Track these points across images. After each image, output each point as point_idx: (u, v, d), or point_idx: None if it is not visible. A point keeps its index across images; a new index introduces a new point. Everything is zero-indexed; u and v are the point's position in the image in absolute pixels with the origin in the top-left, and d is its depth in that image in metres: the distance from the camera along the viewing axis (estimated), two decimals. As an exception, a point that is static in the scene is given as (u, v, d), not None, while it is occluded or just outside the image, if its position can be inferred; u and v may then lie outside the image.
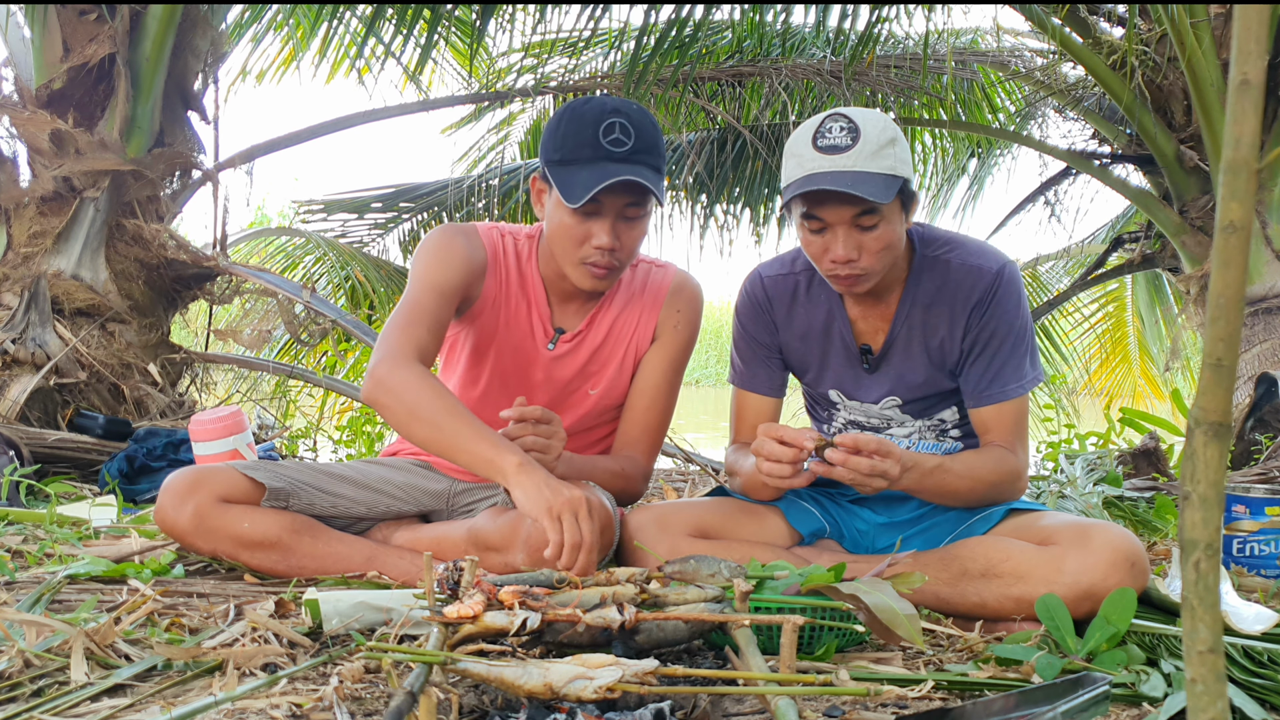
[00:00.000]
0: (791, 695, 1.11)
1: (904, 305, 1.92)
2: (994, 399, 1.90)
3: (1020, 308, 1.90)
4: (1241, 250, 0.69)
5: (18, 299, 3.67)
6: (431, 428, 1.77)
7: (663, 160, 1.94)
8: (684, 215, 6.28)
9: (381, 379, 1.82)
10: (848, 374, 2.00)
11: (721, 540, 1.91)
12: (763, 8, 5.43)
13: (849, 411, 2.04)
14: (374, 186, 6.19)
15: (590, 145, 1.86)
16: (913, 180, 1.83)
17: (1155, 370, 8.40)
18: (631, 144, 1.87)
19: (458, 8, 5.20)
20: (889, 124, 1.78)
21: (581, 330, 2.09)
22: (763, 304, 2.02)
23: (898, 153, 1.76)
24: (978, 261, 1.89)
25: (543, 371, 2.09)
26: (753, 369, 2.05)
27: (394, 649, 1.17)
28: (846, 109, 1.79)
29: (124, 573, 1.90)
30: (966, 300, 1.89)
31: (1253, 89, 0.68)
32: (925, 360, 1.94)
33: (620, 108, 1.89)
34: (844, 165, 1.72)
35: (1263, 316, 4.50)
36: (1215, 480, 0.71)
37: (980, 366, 1.90)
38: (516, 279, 2.09)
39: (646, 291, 2.13)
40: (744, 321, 2.05)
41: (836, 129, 1.74)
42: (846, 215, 1.75)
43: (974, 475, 1.84)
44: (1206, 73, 4.29)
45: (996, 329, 1.88)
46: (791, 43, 5.94)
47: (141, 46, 3.95)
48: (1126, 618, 1.53)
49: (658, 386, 2.14)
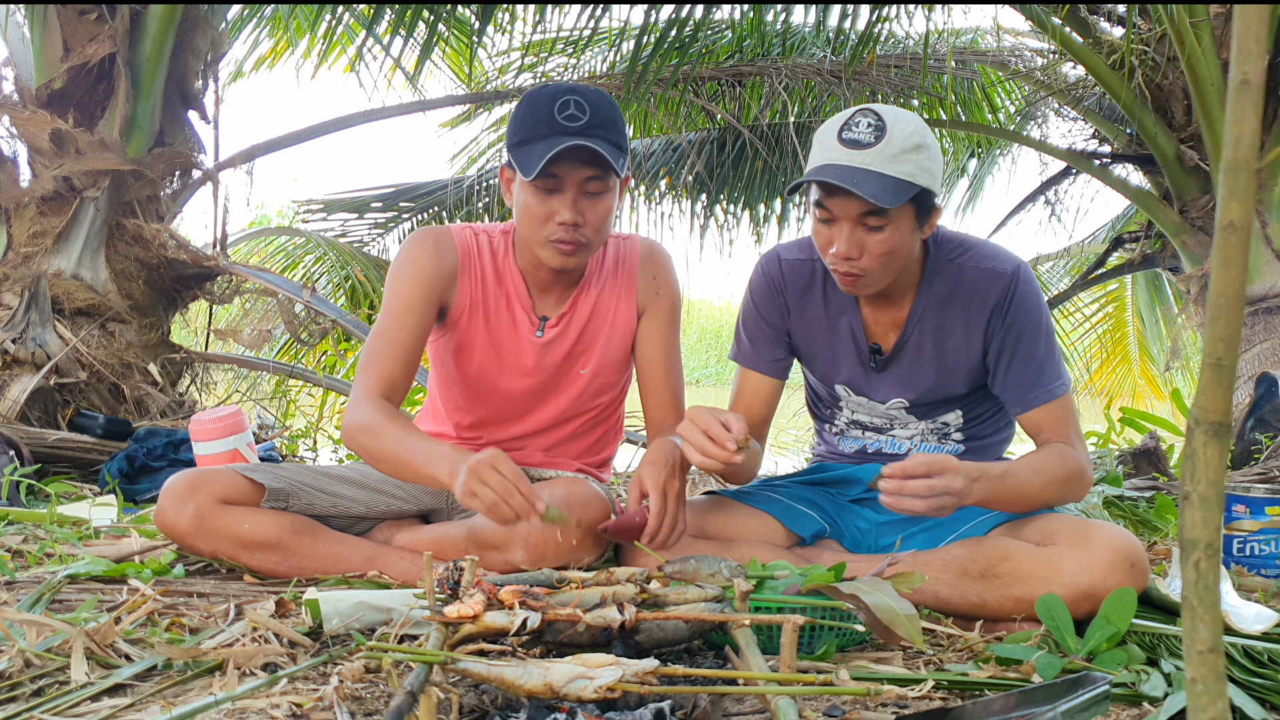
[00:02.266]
0: (791, 695, 1.11)
1: (917, 308, 1.90)
2: (1040, 400, 1.87)
3: (1041, 306, 1.88)
4: (1241, 250, 0.69)
5: (18, 299, 3.67)
6: (391, 465, 1.88)
7: (622, 138, 1.95)
8: (684, 215, 6.28)
9: (347, 428, 1.94)
10: (857, 371, 1.98)
11: (722, 540, 1.91)
12: (762, 8, 5.43)
13: (853, 410, 2.04)
14: (374, 186, 6.18)
15: (546, 123, 1.88)
16: (936, 191, 1.79)
17: (1155, 370, 8.40)
18: (586, 119, 1.89)
19: (457, 8, 5.19)
20: (921, 130, 1.74)
21: (566, 313, 2.10)
22: (778, 285, 1.99)
23: (921, 160, 1.72)
24: (991, 264, 1.87)
25: (534, 359, 2.10)
26: (758, 348, 2.02)
27: (394, 649, 1.17)
28: (882, 106, 1.76)
29: (124, 573, 1.90)
30: (983, 304, 1.86)
31: (1253, 89, 0.68)
32: (937, 364, 1.92)
33: (576, 88, 1.93)
34: (860, 162, 1.70)
35: (1263, 316, 4.50)
36: (1215, 480, 0.71)
37: (1017, 371, 1.87)
38: (493, 275, 2.11)
39: (620, 265, 2.15)
40: (756, 300, 2.01)
41: (864, 124, 1.72)
42: (853, 212, 1.73)
43: (1042, 475, 1.79)
44: (1206, 72, 4.29)
45: (1024, 331, 1.85)
46: (791, 42, 5.94)
47: (141, 46, 3.95)
48: (1126, 618, 1.53)
49: (666, 355, 2.15)
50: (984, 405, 1.99)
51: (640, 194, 6.24)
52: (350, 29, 5.66)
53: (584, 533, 1.87)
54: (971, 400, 1.98)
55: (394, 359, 1.98)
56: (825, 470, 2.10)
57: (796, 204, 6.24)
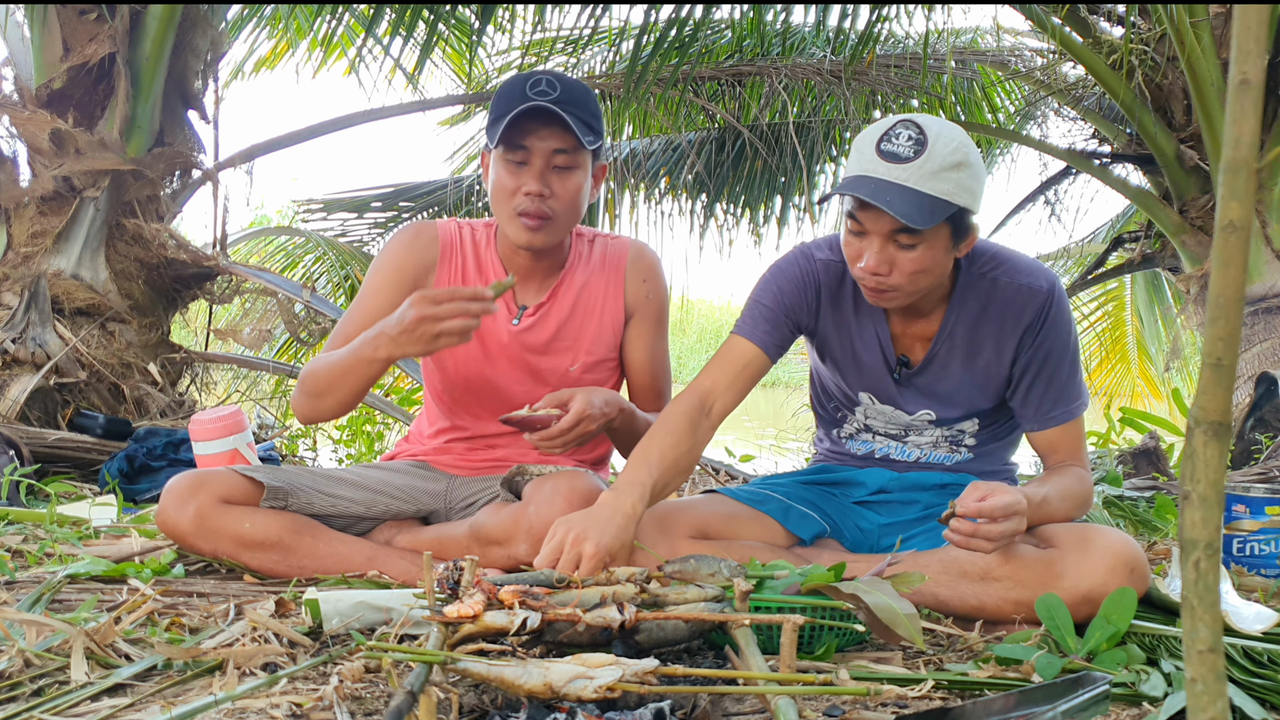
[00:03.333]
0: (791, 695, 1.11)
1: (948, 323, 1.87)
2: (1058, 420, 1.87)
3: (1071, 328, 1.86)
4: (1241, 250, 0.69)
5: (18, 299, 3.67)
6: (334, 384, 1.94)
7: (594, 119, 1.99)
8: (683, 215, 6.28)
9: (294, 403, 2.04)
10: (883, 381, 1.95)
11: (722, 540, 1.91)
12: (762, 8, 5.43)
13: (870, 416, 2.01)
14: (374, 186, 6.17)
15: (518, 99, 1.93)
16: (976, 210, 1.72)
17: (1153, 370, 8.40)
18: (557, 94, 1.94)
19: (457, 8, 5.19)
20: (964, 146, 1.68)
21: (544, 302, 2.12)
22: (812, 282, 1.92)
23: (962, 179, 1.66)
24: (1027, 281, 1.83)
25: (514, 348, 2.12)
26: (764, 325, 1.93)
27: (394, 648, 1.17)
28: (925, 118, 1.69)
29: (124, 572, 1.90)
30: (1017, 321, 1.83)
31: (1252, 88, 0.68)
32: (965, 379, 1.90)
33: (550, 72, 1.99)
34: (897, 177, 1.64)
35: (1263, 316, 4.50)
36: (1215, 480, 0.71)
37: (1039, 389, 1.86)
38: (474, 265, 2.14)
39: (606, 262, 2.17)
40: (783, 287, 1.93)
41: (904, 137, 1.66)
42: (885, 228, 1.68)
43: (1068, 500, 1.81)
44: (1206, 72, 4.29)
45: (1052, 350, 1.84)
46: (791, 42, 5.94)
47: (141, 46, 3.95)
48: (1126, 617, 1.53)
49: (652, 358, 2.19)
50: (1000, 415, 1.99)
51: (640, 194, 6.24)
52: (351, 29, 5.66)
53: None
54: (991, 411, 1.97)
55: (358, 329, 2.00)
56: (828, 472, 2.09)
57: (796, 205, 6.24)
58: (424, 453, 2.26)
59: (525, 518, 1.89)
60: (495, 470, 2.17)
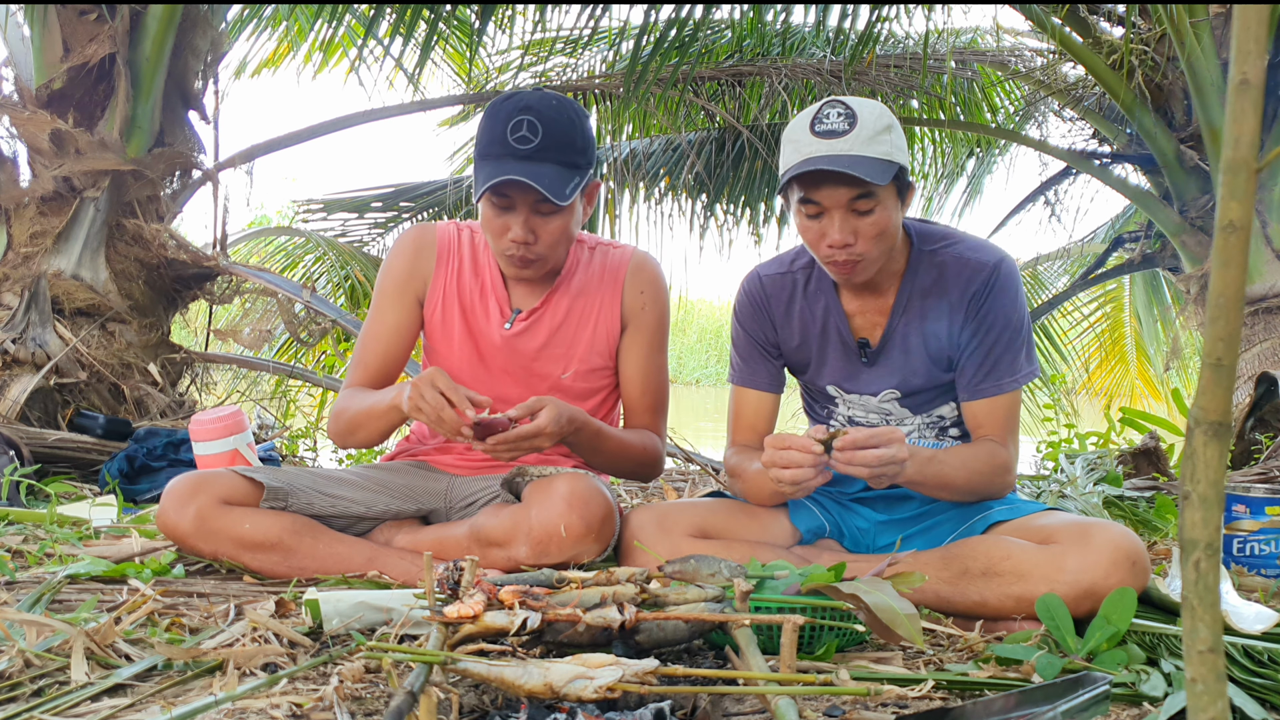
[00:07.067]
0: (791, 695, 1.11)
1: (901, 297, 1.92)
2: (987, 393, 1.91)
3: (1017, 302, 1.91)
4: (1241, 250, 0.69)
5: (18, 299, 3.67)
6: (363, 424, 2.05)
7: (578, 154, 1.96)
8: (683, 215, 6.28)
9: (329, 424, 2.15)
10: (845, 369, 2.00)
11: (722, 540, 1.91)
12: (762, 8, 5.43)
13: (848, 406, 2.04)
14: (374, 186, 6.17)
15: (499, 142, 1.92)
16: (908, 168, 1.85)
17: (1152, 371, 8.40)
18: (538, 141, 1.91)
19: (457, 8, 5.19)
20: (885, 111, 1.80)
21: (538, 308, 2.12)
22: (760, 303, 2.03)
23: (893, 139, 1.78)
24: (975, 255, 1.90)
25: (504, 352, 2.12)
26: (752, 365, 2.06)
27: (394, 649, 1.17)
28: (844, 97, 1.81)
29: (124, 573, 1.90)
30: (964, 292, 1.89)
31: (1252, 89, 0.68)
32: (924, 353, 1.94)
33: (533, 104, 1.94)
34: (841, 149, 1.74)
35: (1263, 316, 4.50)
36: (1215, 480, 0.71)
37: (975, 361, 1.91)
38: (470, 267, 2.15)
39: (605, 272, 2.16)
40: (742, 320, 2.06)
41: (834, 115, 1.76)
42: (843, 199, 1.76)
43: (968, 467, 1.86)
44: (1206, 72, 4.29)
45: (993, 323, 1.89)
46: (791, 42, 5.94)
47: (141, 46, 3.95)
48: (1127, 617, 1.53)
49: (645, 371, 2.18)
50: None
51: (640, 194, 6.24)
52: (352, 30, 5.65)
53: (587, 527, 1.88)
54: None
55: (374, 354, 2.15)
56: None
57: (787, 220, 6.24)
58: (424, 452, 2.26)
59: (525, 520, 1.89)
60: (495, 470, 2.18)
